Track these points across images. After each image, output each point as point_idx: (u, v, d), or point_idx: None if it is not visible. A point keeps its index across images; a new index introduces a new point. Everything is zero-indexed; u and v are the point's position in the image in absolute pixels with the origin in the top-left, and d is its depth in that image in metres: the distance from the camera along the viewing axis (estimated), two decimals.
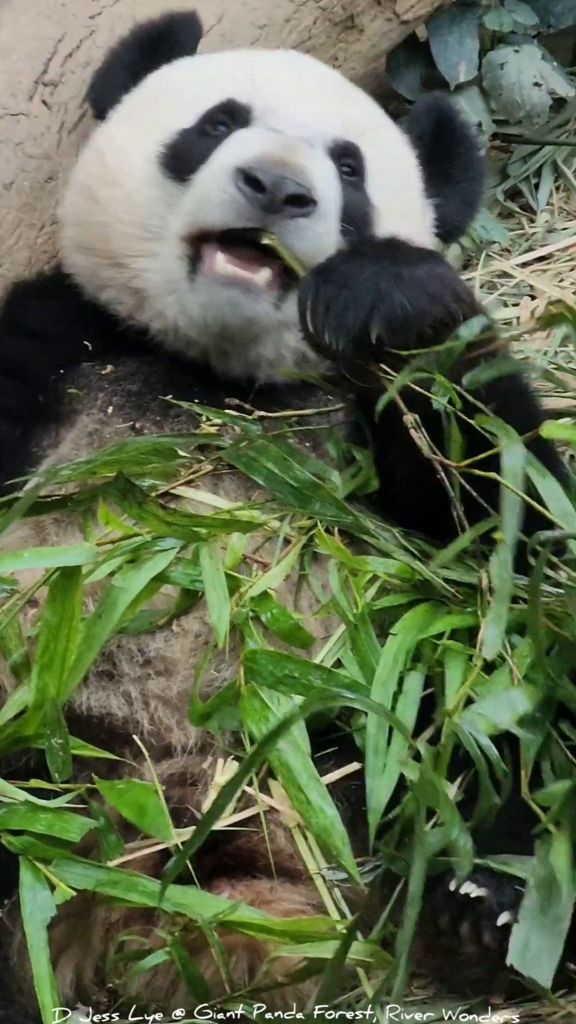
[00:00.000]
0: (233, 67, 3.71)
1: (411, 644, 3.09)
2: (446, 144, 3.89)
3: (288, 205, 3.32)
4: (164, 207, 3.55)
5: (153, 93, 3.81)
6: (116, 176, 3.66)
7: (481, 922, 2.95)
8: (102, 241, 3.64)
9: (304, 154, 3.42)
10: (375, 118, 3.79)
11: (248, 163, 3.34)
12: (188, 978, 2.95)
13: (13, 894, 2.97)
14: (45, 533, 3.29)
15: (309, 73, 3.76)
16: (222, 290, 3.39)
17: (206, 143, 3.55)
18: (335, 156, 3.56)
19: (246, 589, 3.13)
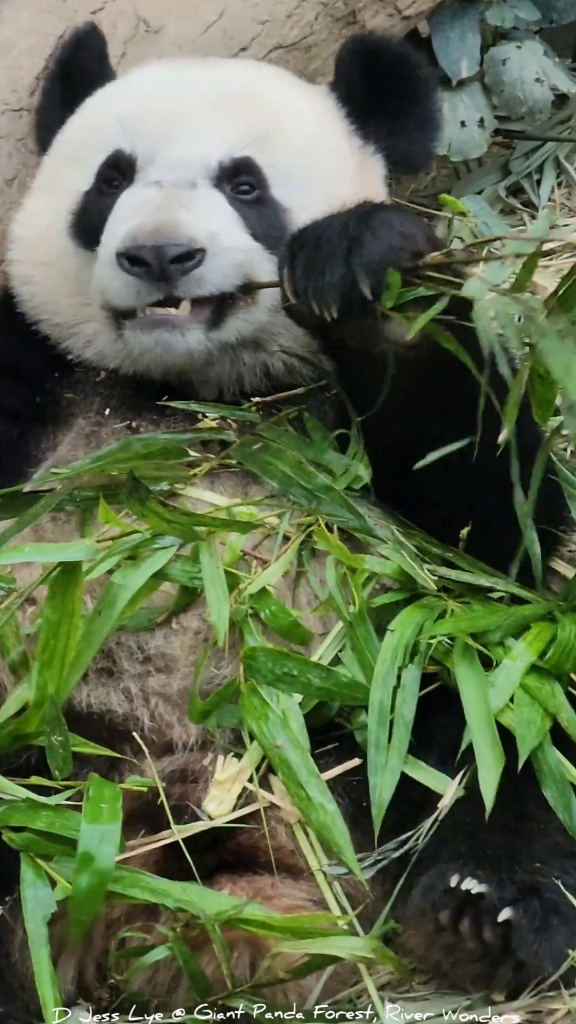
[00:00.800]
0: (118, 110, 3.65)
1: (409, 640, 3.10)
2: (381, 81, 3.79)
3: (177, 264, 3.32)
4: (87, 274, 3.54)
5: (59, 154, 3.77)
6: (40, 256, 3.66)
7: (482, 918, 2.96)
8: (54, 316, 3.64)
9: (181, 204, 3.40)
10: (271, 116, 3.67)
11: (125, 246, 3.34)
12: (190, 974, 2.96)
13: (14, 891, 2.97)
14: (42, 531, 3.29)
15: (194, 92, 3.64)
16: (147, 335, 3.39)
17: (104, 205, 3.54)
18: (226, 179, 3.52)
19: (245, 586, 3.13)
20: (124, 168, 3.56)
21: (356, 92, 3.79)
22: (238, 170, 3.54)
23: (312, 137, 3.69)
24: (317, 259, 3.15)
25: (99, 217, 3.53)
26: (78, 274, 3.58)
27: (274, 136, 3.59)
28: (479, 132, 4.79)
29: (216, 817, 3.08)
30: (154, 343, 3.38)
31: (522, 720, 3.06)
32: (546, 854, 3.05)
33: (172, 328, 3.37)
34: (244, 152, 3.54)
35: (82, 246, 3.57)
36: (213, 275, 3.36)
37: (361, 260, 3.10)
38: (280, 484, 3.26)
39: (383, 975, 3.07)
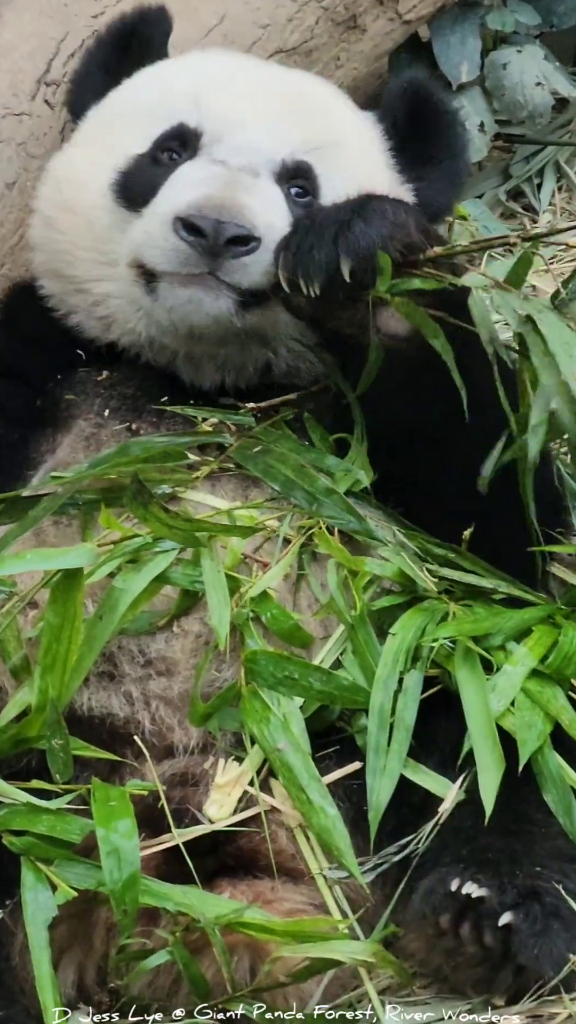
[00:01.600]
0: (186, 84, 3.68)
1: (411, 644, 3.10)
2: (423, 125, 3.85)
3: (230, 246, 3.34)
4: (119, 234, 3.56)
5: (110, 114, 3.79)
6: (73, 204, 3.66)
7: (482, 922, 2.96)
8: (66, 267, 3.65)
9: (246, 189, 3.43)
10: (332, 127, 3.73)
11: (187, 211, 3.36)
12: (190, 978, 2.96)
13: (15, 894, 2.97)
14: (43, 535, 3.29)
15: (263, 87, 3.70)
16: (183, 290, 3.39)
17: (156, 172, 3.56)
18: (285, 178, 3.56)
19: (246, 589, 3.13)
20: (187, 141, 3.58)
21: (399, 129, 3.84)
22: (297, 172, 3.58)
23: (363, 158, 3.75)
24: (308, 240, 3.19)
25: (150, 182, 3.54)
26: (106, 231, 3.59)
27: (332, 148, 3.63)
28: (479, 136, 4.80)
29: (217, 821, 3.08)
30: (187, 298, 3.39)
31: (523, 723, 3.06)
32: (547, 858, 3.05)
33: (208, 288, 3.38)
34: (305, 156, 3.58)
35: (123, 205, 3.58)
36: (257, 268, 3.37)
37: (347, 243, 3.15)
38: (282, 487, 3.26)
39: (383, 979, 3.07)
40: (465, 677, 3.10)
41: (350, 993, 3.06)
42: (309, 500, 3.24)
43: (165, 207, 3.44)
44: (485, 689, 3.08)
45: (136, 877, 2.87)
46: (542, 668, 3.13)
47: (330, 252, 3.16)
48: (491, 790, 3.00)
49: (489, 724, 3.05)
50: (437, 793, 3.08)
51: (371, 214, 3.18)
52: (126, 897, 2.87)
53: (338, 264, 3.15)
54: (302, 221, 3.30)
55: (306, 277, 3.18)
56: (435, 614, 3.16)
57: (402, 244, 3.16)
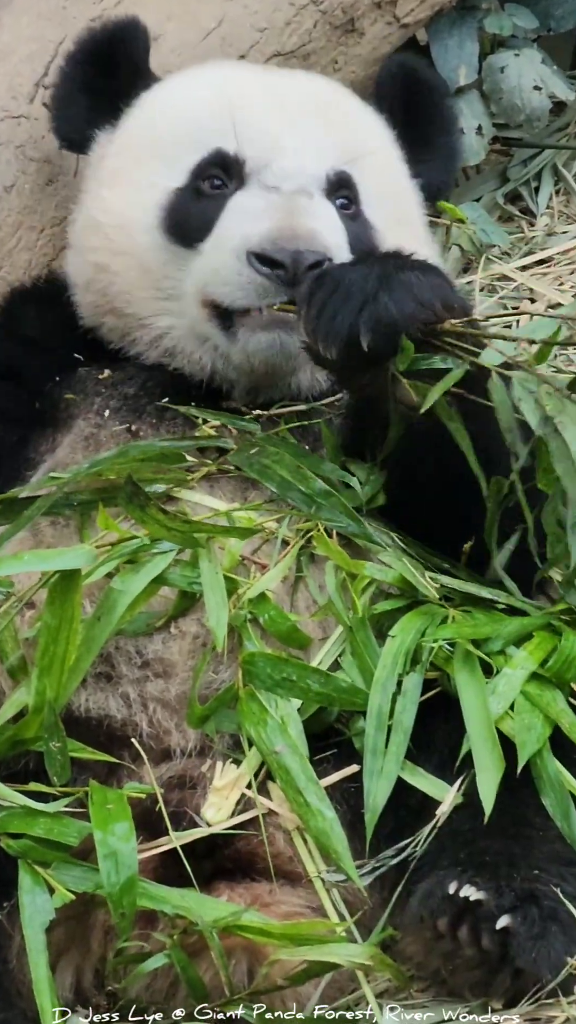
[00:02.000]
0: (212, 107, 3.66)
1: (410, 646, 3.10)
2: (417, 107, 3.87)
3: (309, 272, 3.33)
4: (176, 270, 3.57)
5: (134, 146, 3.76)
6: (122, 246, 3.65)
7: (480, 925, 2.95)
8: (126, 307, 3.65)
9: (308, 213, 3.44)
10: (361, 134, 3.74)
11: (260, 245, 3.37)
12: (188, 981, 2.96)
13: (12, 897, 2.97)
14: (41, 535, 3.29)
15: (292, 100, 3.68)
16: (265, 335, 3.42)
17: (205, 205, 3.56)
18: (332, 193, 3.58)
19: (244, 591, 3.13)
20: (230, 169, 3.58)
21: (396, 115, 3.87)
22: (340, 184, 3.60)
23: (388, 157, 3.79)
24: (331, 303, 3.16)
25: (201, 216, 3.55)
26: (162, 269, 3.59)
27: (365, 153, 3.65)
28: (477, 139, 4.80)
29: (214, 824, 3.07)
30: (270, 343, 3.42)
31: (522, 726, 3.06)
32: (544, 861, 3.04)
33: (290, 330, 3.39)
34: (344, 167, 3.60)
35: (176, 243, 3.58)
36: None
37: (369, 318, 3.11)
38: (278, 488, 3.26)
39: (381, 982, 3.07)
40: (464, 679, 3.10)
41: (348, 996, 3.06)
42: (306, 502, 3.24)
43: (233, 242, 3.43)
44: (484, 692, 3.08)
45: (134, 880, 2.87)
46: (542, 672, 3.12)
47: (352, 324, 3.11)
48: (490, 792, 2.99)
49: (488, 726, 3.05)
50: (435, 796, 3.08)
51: (398, 287, 3.13)
52: (124, 900, 2.87)
53: (358, 335, 3.11)
54: (323, 278, 3.23)
55: (324, 341, 3.15)
56: (434, 617, 3.16)
57: (424, 323, 3.12)
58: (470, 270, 4.80)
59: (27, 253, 4.03)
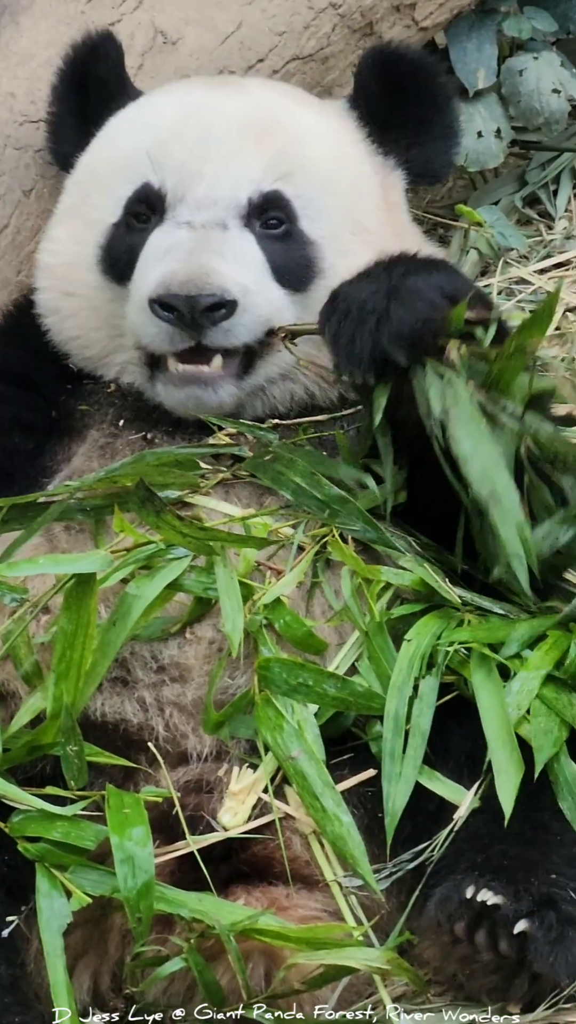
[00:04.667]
0: (145, 138, 3.63)
1: (426, 650, 3.10)
2: (402, 91, 3.79)
3: (208, 314, 3.34)
4: (120, 308, 3.56)
5: (83, 181, 3.75)
6: (71, 287, 3.66)
7: (497, 930, 2.95)
8: (84, 349, 3.66)
9: (214, 251, 3.41)
10: (303, 140, 3.66)
11: (157, 291, 3.36)
12: (204, 985, 2.96)
13: (30, 901, 2.98)
14: (56, 540, 3.30)
15: (219, 123, 3.61)
16: (179, 391, 3.43)
17: (132, 241, 3.55)
18: (256, 215, 3.52)
19: (259, 597, 3.13)
20: (153, 203, 3.56)
21: (376, 104, 3.78)
22: (267, 205, 3.55)
23: (336, 163, 3.68)
24: (345, 328, 3.17)
25: (128, 254, 3.55)
26: (108, 306, 3.59)
27: (300, 166, 3.59)
28: (496, 143, 4.79)
29: (231, 828, 3.08)
30: (185, 398, 3.43)
31: (539, 730, 3.06)
32: (562, 865, 3.04)
33: (204, 385, 3.41)
34: (273, 186, 3.55)
35: (112, 281, 3.59)
36: (241, 329, 3.39)
37: (390, 333, 3.13)
38: (293, 495, 3.26)
39: (398, 986, 3.07)
40: (481, 682, 3.10)
41: (365, 1000, 3.06)
42: (321, 508, 3.24)
43: (141, 290, 3.44)
44: (502, 695, 3.07)
45: (150, 885, 2.88)
46: (557, 674, 3.12)
47: (375, 345, 3.14)
48: (509, 795, 2.99)
49: (506, 730, 3.04)
50: (452, 800, 3.08)
51: (407, 296, 3.15)
52: (141, 904, 2.88)
53: (384, 354, 3.13)
54: (334, 303, 3.24)
55: (352, 369, 3.18)
56: (450, 621, 3.16)
57: (440, 321, 3.14)
58: (488, 273, 4.80)
59: None
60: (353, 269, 3.37)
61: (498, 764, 3.03)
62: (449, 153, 3.87)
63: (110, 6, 4.22)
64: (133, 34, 4.19)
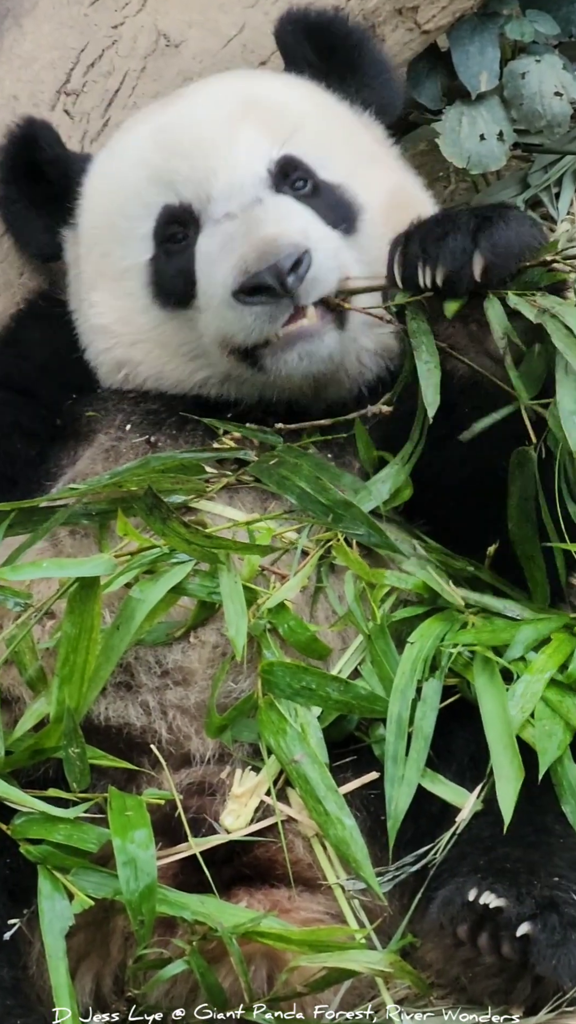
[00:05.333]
0: (138, 171, 3.66)
1: (429, 652, 3.10)
2: (329, 45, 3.86)
3: (293, 275, 3.33)
4: (189, 332, 3.56)
5: (98, 241, 3.74)
6: (133, 336, 3.65)
7: (500, 933, 2.95)
8: (162, 382, 3.65)
9: (262, 220, 3.42)
10: (284, 104, 3.70)
11: (237, 283, 3.35)
12: (207, 987, 2.96)
13: (32, 903, 2.98)
14: (60, 545, 3.30)
15: (208, 120, 3.64)
16: (288, 353, 3.40)
17: (178, 262, 3.56)
18: (283, 182, 3.56)
19: (263, 601, 3.14)
20: (183, 219, 3.58)
21: (313, 62, 3.85)
22: (286, 169, 3.58)
23: (319, 115, 3.74)
24: (439, 229, 3.18)
25: (180, 275, 3.56)
26: (178, 336, 3.59)
27: (295, 127, 3.62)
28: (498, 145, 4.78)
29: (233, 831, 3.08)
30: (298, 358, 3.41)
31: (542, 733, 3.06)
32: (565, 868, 3.05)
33: (310, 337, 3.40)
34: (284, 151, 3.58)
35: (175, 308, 3.59)
36: (323, 271, 3.39)
37: (488, 239, 3.13)
38: (297, 500, 3.26)
39: (401, 989, 3.07)
40: (484, 685, 3.10)
41: (367, 1003, 3.06)
42: (325, 512, 3.24)
43: (218, 294, 3.42)
44: (504, 698, 3.07)
45: (153, 888, 2.88)
46: (561, 677, 3.12)
47: (466, 244, 3.13)
48: (510, 799, 2.99)
49: (508, 733, 3.04)
50: (455, 803, 3.08)
51: (512, 219, 3.17)
52: (143, 908, 2.88)
53: (471, 256, 3.13)
54: (419, 223, 3.26)
55: (431, 263, 3.17)
56: (453, 623, 3.16)
57: (535, 250, 3.17)
58: None
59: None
60: (385, 194, 3.55)
61: (499, 769, 3.03)
62: (390, 84, 3.93)
63: (113, 9, 4.22)
64: (136, 37, 4.19)
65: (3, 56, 4.15)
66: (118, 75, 4.17)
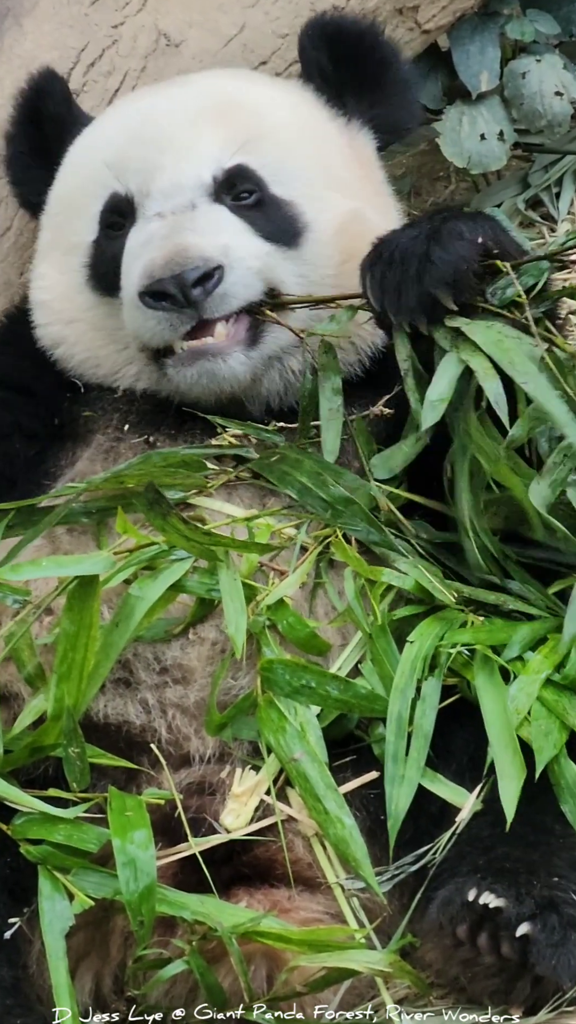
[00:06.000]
0: (104, 152, 3.66)
1: (428, 652, 3.10)
2: (349, 57, 3.83)
3: (199, 287, 3.34)
4: (117, 320, 3.56)
5: (55, 214, 3.77)
6: (70, 314, 3.67)
7: (500, 932, 2.95)
8: (96, 369, 3.66)
9: (187, 229, 3.42)
10: (258, 113, 3.69)
11: (144, 284, 3.36)
12: (207, 987, 2.96)
13: (32, 903, 2.98)
14: (59, 542, 3.30)
15: (169, 114, 3.64)
16: (189, 368, 3.41)
17: (113, 250, 3.57)
18: (224, 191, 3.54)
19: (262, 598, 3.14)
20: (123, 209, 3.58)
21: (328, 73, 3.82)
22: (233, 179, 3.56)
23: (296, 127, 3.71)
24: (391, 277, 3.18)
25: (112, 263, 3.56)
26: (107, 322, 3.60)
27: (260, 136, 3.61)
28: (498, 145, 4.79)
29: (233, 830, 3.08)
30: (198, 375, 3.41)
31: (539, 732, 3.06)
32: (564, 868, 3.04)
33: (212, 356, 3.39)
34: (234, 160, 3.56)
35: (104, 295, 3.60)
36: (236, 288, 3.38)
37: (433, 279, 3.14)
38: (298, 495, 3.26)
39: (400, 989, 3.07)
40: (484, 685, 3.10)
41: (367, 1003, 3.06)
42: (324, 508, 3.24)
43: (129, 292, 3.44)
44: (504, 697, 3.07)
45: (152, 888, 2.88)
46: (557, 677, 3.12)
47: (420, 291, 3.15)
48: (511, 798, 2.99)
49: (509, 732, 3.04)
50: (454, 803, 3.08)
51: (447, 236, 3.16)
52: (142, 908, 2.88)
53: (431, 299, 3.15)
54: (376, 252, 3.25)
55: (398, 316, 3.20)
56: (453, 623, 3.16)
57: (481, 257, 3.17)
58: None
59: None
60: (338, 219, 3.51)
61: (501, 767, 3.03)
62: (410, 103, 3.92)
63: (113, 8, 4.22)
64: (136, 37, 4.20)
65: (3, 56, 4.16)
66: (118, 75, 4.18)
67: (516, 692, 3.08)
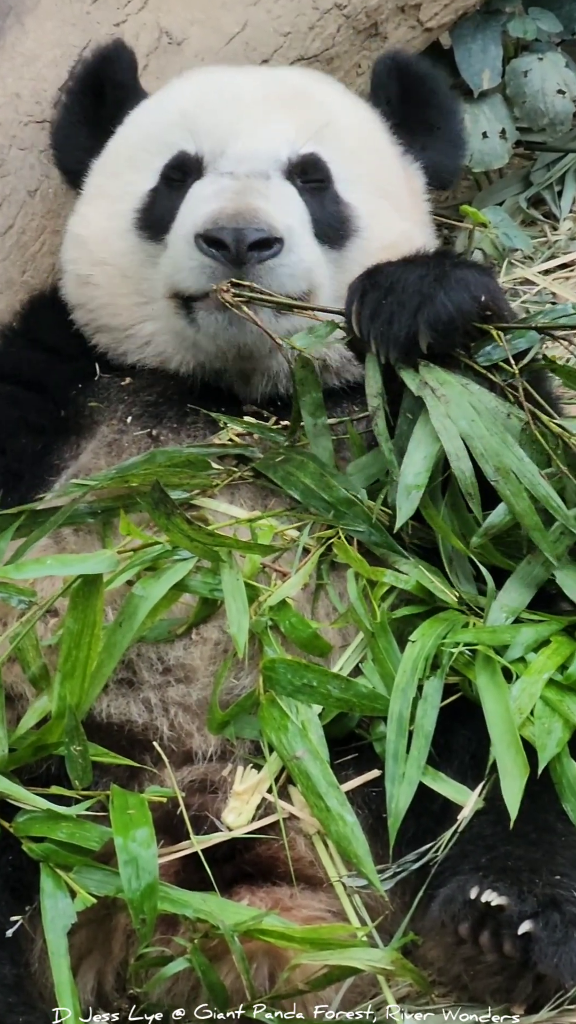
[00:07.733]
0: (175, 114, 3.70)
1: (430, 651, 3.10)
2: (415, 96, 3.90)
3: (254, 251, 3.35)
4: (151, 268, 3.59)
5: (113, 163, 3.80)
6: (102, 255, 3.69)
7: (501, 931, 2.95)
8: (112, 319, 3.68)
9: (259, 193, 3.44)
10: (328, 113, 3.74)
11: (204, 226, 3.38)
12: (209, 985, 2.96)
13: (34, 901, 2.98)
14: (64, 542, 3.30)
15: (250, 92, 3.70)
16: (221, 314, 3.41)
17: (171, 199, 3.59)
18: (295, 174, 3.58)
19: (265, 598, 3.14)
20: (189, 167, 3.61)
21: (394, 102, 3.89)
22: (306, 166, 3.60)
23: (365, 137, 3.78)
24: (387, 305, 3.18)
25: (168, 210, 3.58)
26: (140, 270, 3.62)
27: (332, 132, 3.65)
28: (501, 143, 4.80)
29: (235, 828, 3.08)
30: (228, 321, 3.41)
31: (542, 731, 3.06)
32: (566, 866, 3.04)
33: (241, 320, 3.37)
34: (310, 148, 3.61)
35: (148, 238, 3.62)
36: (283, 271, 3.40)
37: (429, 318, 3.13)
38: (301, 496, 3.26)
39: (402, 987, 3.07)
40: (485, 684, 3.10)
41: (369, 1001, 3.06)
42: (327, 509, 3.24)
43: (184, 228, 3.46)
44: (507, 697, 3.07)
45: (154, 886, 2.88)
46: (560, 679, 3.12)
47: (411, 325, 3.15)
48: (515, 796, 2.99)
49: (511, 731, 3.04)
50: (456, 801, 3.08)
51: (456, 284, 3.16)
52: (144, 906, 2.88)
53: (416, 336, 3.14)
54: (374, 277, 3.24)
55: (381, 344, 3.18)
56: (455, 622, 3.16)
57: (478, 316, 3.17)
58: None
59: (51, 257, 4.04)
60: (391, 234, 3.54)
61: (503, 766, 3.03)
62: (456, 160, 3.99)
63: (115, 7, 4.22)
64: (138, 35, 4.20)
65: (5, 54, 4.16)
66: None
67: (519, 692, 3.08)
